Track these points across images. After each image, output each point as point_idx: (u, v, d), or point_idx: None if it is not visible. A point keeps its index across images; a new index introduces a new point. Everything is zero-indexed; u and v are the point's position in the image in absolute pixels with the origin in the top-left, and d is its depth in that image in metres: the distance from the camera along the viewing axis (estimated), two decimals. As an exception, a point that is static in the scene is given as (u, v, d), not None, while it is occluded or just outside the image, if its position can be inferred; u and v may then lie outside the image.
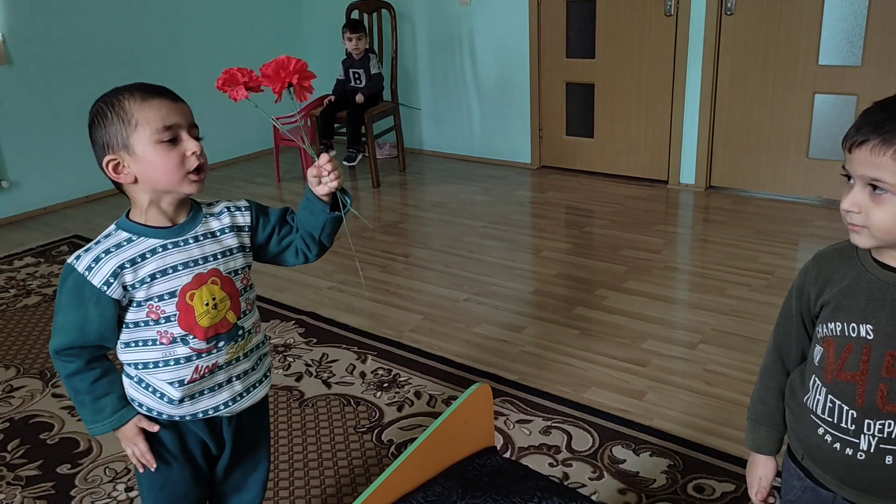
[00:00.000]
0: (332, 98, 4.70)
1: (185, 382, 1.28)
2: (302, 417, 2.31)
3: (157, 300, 1.24)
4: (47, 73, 4.29)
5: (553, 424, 2.21)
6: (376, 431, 2.23)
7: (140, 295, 1.23)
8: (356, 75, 4.71)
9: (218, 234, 1.31)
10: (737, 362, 2.49)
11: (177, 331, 1.25)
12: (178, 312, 1.25)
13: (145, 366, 1.28)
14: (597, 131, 4.65)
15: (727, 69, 4.08)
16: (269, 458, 1.54)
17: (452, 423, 1.32)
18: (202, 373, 1.29)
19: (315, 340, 2.79)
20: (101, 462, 2.14)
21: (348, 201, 1.36)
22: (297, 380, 2.52)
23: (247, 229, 1.35)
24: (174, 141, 1.21)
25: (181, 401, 1.30)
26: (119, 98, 1.20)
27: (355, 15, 4.95)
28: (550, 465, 2.03)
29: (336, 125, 4.73)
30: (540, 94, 4.78)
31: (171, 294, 1.24)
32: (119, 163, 1.22)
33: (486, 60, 4.92)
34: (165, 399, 1.30)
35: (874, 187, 1.00)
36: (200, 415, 1.33)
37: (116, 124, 1.20)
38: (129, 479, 2.06)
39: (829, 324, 1.10)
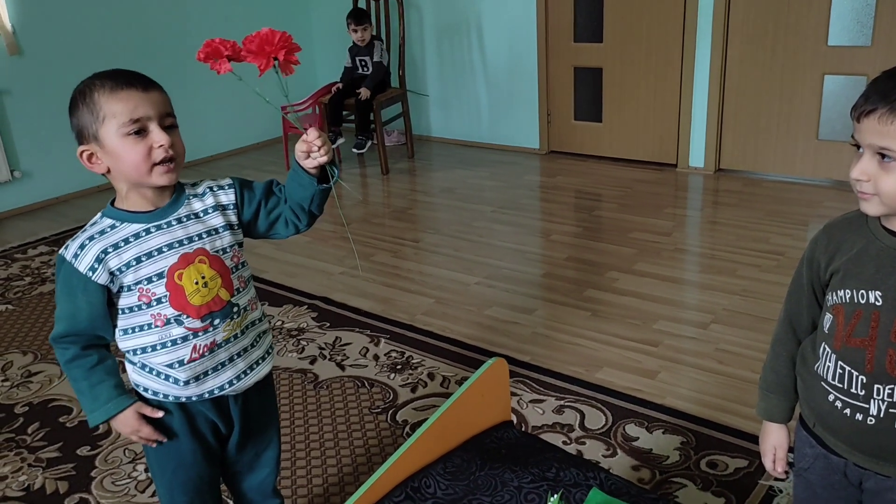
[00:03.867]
0: (340, 86, 4.71)
1: (185, 362, 1.29)
2: (317, 399, 2.33)
3: (146, 283, 1.25)
4: (58, 64, 4.30)
5: (566, 404, 2.23)
6: (391, 412, 2.25)
7: (129, 279, 1.25)
8: (363, 62, 4.71)
9: (201, 214, 1.31)
10: (749, 341, 2.50)
11: (169, 311, 1.26)
12: (168, 293, 1.26)
13: (143, 350, 1.29)
14: (605, 115, 4.64)
15: (736, 51, 4.07)
16: (280, 436, 1.54)
17: (470, 397, 1.34)
18: (201, 351, 1.30)
19: (328, 324, 2.81)
20: (120, 444, 2.17)
21: (336, 172, 1.33)
22: (312, 363, 2.55)
23: (232, 207, 1.34)
24: (142, 132, 1.20)
25: (187, 382, 1.31)
26: (91, 88, 1.21)
27: (362, 3, 4.94)
28: (564, 443, 2.05)
29: (345, 112, 4.74)
30: (548, 79, 4.77)
31: (159, 275, 1.25)
32: (92, 153, 1.24)
33: (494, 46, 4.91)
34: (171, 380, 1.31)
35: (882, 156, 1.01)
36: (206, 395, 1.34)
37: (87, 116, 1.21)
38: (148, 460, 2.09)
39: (838, 291, 1.11)
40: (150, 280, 1.25)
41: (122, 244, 1.25)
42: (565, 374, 2.38)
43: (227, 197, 1.34)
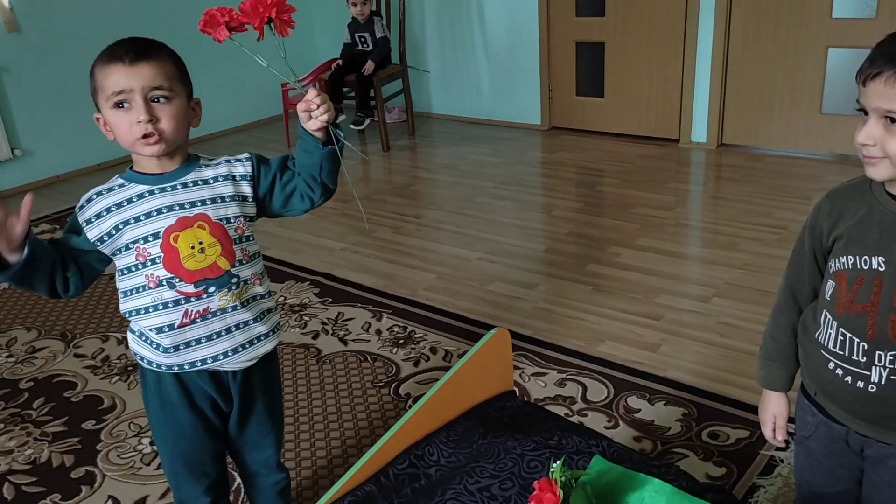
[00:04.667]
0: (340, 62, 4.68)
1: (176, 326, 1.29)
2: (320, 374, 2.34)
3: (142, 242, 1.26)
4: (56, 41, 4.27)
5: (568, 377, 2.24)
6: (393, 386, 2.26)
7: (126, 238, 1.26)
8: (362, 38, 4.68)
9: (210, 181, 1.32)
10: (750, 314, 2.50)
11: (162, 273, 1.27)
12: (162, 254, 1.26)
13: (138, 312, 1.30)
14: (607, 91, 4.62)
15: (739, 24, 4.04)
16: (283, 417, 1.54)
17: (472, 366, 1.35)
18: (193, 317, 1.29)
19: (330, 300, 2.82)
20: (125, 417, 2.19)
21: (341, 135, 1.32)
22: (314, 338, 2.56)
23: (248, 178, 1.34)
24: (126, 105, 1.24)
25: (176, 348, 1.30)
26: (95, 62, 1.26)
27: (362, -23, 4.89)
28: (566, 414, 2.06)
29: (345, 89, 4.71)
30: (549, 54, 4.74)
31: (155, 235, 1.26)
32: (104, 122, 1.29)
33: (495, 21, 4.87)
34: (161, 349, 1.31)
35: (890, 119, 1.00)
36: (199, 364, 1.32)
37: (91, 86, 1.27)
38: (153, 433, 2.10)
39: (841, 258, 1.11)
40: (146, 240, 1.26)
41: (126, 203, 1.27)
42: (567, 348, 2.39)
43: (244, 168, 1.35)
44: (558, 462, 1.03)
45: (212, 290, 1.29)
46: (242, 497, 1.81)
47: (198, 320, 1.29)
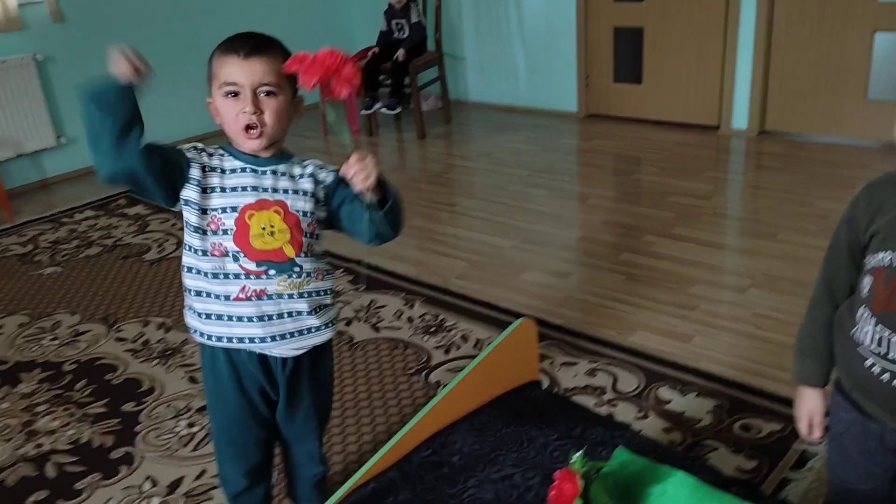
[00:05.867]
0: (377, 50, 4.69)
1: (231, 299, 1.33)
2: (352, 360, 2.37)
3: (220, 212, 1.32)
4: (101, 30, 4.36)
5: (599, 366, 2.23)
6: (424, 373, 2.28)
7: (213, 202, 1.31)
8: (399, 25, 4.68)
9: (296, 176, 1.36)
10: (787, 306, 2.45)
11: (230, 245, 1.32)
12: (234, 227, 1.31)
13: (198, 272, 1.34)
14: (645, 77, 4.55)
15: (783, 7, 3.94)
16: (330, 412, 1.56)
17: (496, 356, 1.35)
18: (249, 294, 1.33)
19: (363, 287, 2.85)
20: (164, 400, 2.24)
21: (389, 197, 1.31)
22: (347, 324, 2.58)
23: (325, 185, 1.38)
24: (238, 94, 1.29)
25: (229, 318, 1.34)
26: (214, 51, 1.33)
27: (399, -36, 4.88)
28: (596, 405, 2.05)
29: (382, 77, 4.72)
30: (587, 40, 4.68)
31: (233, 209, 1.32)
32: (214, 105, 1.35)
33: (532, 7, 4.83)
34: (203, 317, 1.36)
35: None
36: (247, 341, 1.36)
37: (209, 73, 1.34)
38: (190, 416, 2.16)
39: (878, 253, 1.09)
40: (223, 210, 1.32)
41: (220, 172, 1.33)
42: (599, 338, 2.38)
43: (326, 174, 1.38)
44: (579, 452, 1.03)
45: (272, 272, 1.33)
46: (276, 479, 1.85)
47: (252, 298, 1.34)
